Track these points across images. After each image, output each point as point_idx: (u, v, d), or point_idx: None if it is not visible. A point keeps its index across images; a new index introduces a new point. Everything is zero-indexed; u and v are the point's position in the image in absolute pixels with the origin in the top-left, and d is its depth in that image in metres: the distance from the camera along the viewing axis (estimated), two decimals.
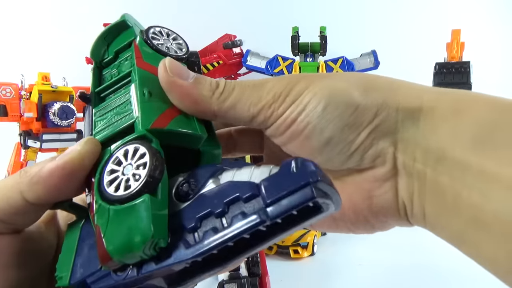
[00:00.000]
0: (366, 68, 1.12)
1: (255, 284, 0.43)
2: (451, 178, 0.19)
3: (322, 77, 0.23)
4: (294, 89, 0.22)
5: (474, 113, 0.20)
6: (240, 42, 1.20)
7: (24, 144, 0.98)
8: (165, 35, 0.30)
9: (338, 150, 0.22)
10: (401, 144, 0.21)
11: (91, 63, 0.31)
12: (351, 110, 0.21)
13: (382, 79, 0.23)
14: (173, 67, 0.22)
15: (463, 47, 0.95)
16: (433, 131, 0.21)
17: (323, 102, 0.21)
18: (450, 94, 0.22)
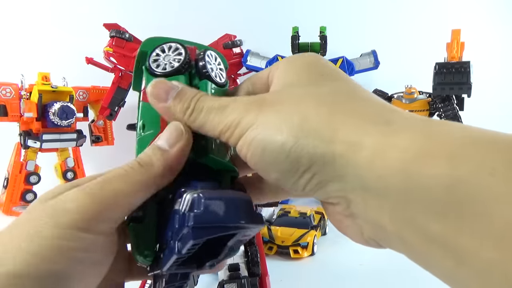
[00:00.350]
0: (366, 68, 1.12)
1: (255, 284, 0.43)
2: (417, 239, 0.17)
3: (268, 109, 0.22)
4: (242, 122, 0.22)
5: (426, 170, 0.17)
6: (240, 42, 1.20)
7: (24, 144, 0.98)
8: (166, 51, 0.30)
9: (289, 188, 0.22)
10: (350, 190, 0.20)
11: (91, 63, 0.32)
12: (283, 157, 0.20)
13: (327, 116, 0.20)
14: (154, 91, 0.25)
15: (463, 47, 0.95)
16: (380, 186, 0.18)
17: (260, 148, 0.21)
18: (398, 137, 0.18)
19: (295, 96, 0.22)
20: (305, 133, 0.20)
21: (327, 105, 0.21)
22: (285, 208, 0.84)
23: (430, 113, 0.99)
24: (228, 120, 0.22)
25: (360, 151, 0.19)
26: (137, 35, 1.14)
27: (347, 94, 0.22)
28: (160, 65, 0.28)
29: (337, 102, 0.21)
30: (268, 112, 0.22)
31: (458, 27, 0.95)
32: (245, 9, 1.40)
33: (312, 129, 0.20)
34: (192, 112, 0.24)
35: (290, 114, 0.21)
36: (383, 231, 0.19)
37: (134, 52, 1.07)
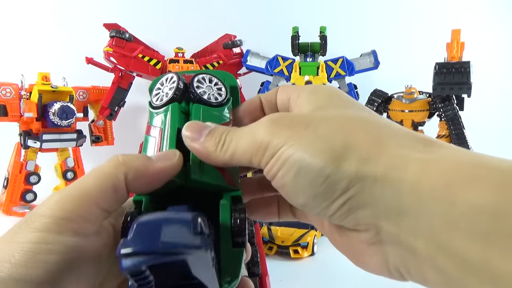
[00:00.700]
0: (366, 68, 1.12)
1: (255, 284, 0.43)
2: (452, 265, 0.17)
3: (302, 129, 0.21)
4: (273, 142, 0.22)
5: (471, 195, 0.17)
6: (240, 42, 1.20)
7: (24, 144, 0.98)
8: (165, 82, 0.30)
9: (316, 213, 0.22)
10: (383, 216, 0.19)
11: (91, 63, 0.32)
12: (321, 181, 0.20)
13: (366, 138, 0.20)
14: (189, 134, 0.25)
15: (463, 47, 0.95)
16: (420, 210, 0.18)
17: (295, 168, 0.21)
18: (442, 163, 0.19)
19: (329, 118, 0.22)
20: (347, 157, 0.20)
21: (366, 128, 0.21)
22: None
23: (430, 113, 0.99)
24: (257, 142, 0.22)
25: (404, 174, 0.19)
26: (137, 35, 1.14)
27: (379, 119, 0.23)
28: (159, 97, 0.29)
29: (373, 125, 0.21)
30: (303, 132, 0.21)
31: (458, 27, 0.95)
32: (245, 9, 1.40)
33: (355, 153, 0.20)
34: (223, 144, 0.24)
35: (329, 136, 0.21)
36: (414, 257, 0.19)
37: (134, 52, 1.07)
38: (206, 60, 1.17)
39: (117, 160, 0.23)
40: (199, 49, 1.23)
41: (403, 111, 0.98)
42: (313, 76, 1.10)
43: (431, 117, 0.99)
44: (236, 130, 0.24)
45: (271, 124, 0.23)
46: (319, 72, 1.10)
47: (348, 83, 1.13)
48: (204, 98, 0.29)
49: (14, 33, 1.37)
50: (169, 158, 0.24)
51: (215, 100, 0.29)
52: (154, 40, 1.21)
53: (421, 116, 0.98)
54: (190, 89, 0.29)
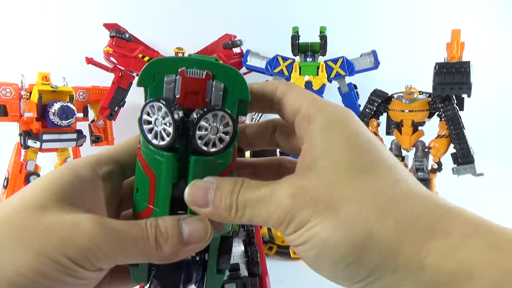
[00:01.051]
0: (366, 68, 1.12)
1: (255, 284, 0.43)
2: None
3: (324, 209, 0.21)
4: (297, 218, 0.22)
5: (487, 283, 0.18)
6: (240, 42, 1.20)
7: (24, 144, 0.98)
8: (156, 112, 0.25)
9: (334, 281, 0.23)
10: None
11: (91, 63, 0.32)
12: (342, 266, 0.21)
13: (386, 226, 0.20)
14: (192, 200, 0.24)
15: (463, 47, 0.95)
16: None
17: (318, 249, 0.21)
18: (460, 253, 0.19)
19: (349, 199, 0.21)
20: (368, 248, 0.20)
21: (385, 211, 0.21)
22: None
23: (430, 113, 0.99)
24: (278, 213, 0.22)
25: (423, 263, 0.19)
26: (137, 35, 1.14)
27: (400, 188, 0.22)
28: (153, 133, 0.25)
29: (393, 203, 0.21)
30: (326, 213, 0.21)
31: (458, 27, 0.95)
32: (245, 9, 1.40)
33: (376, 245, 0.20)
34: (237, 210, 0.23)
35: (350, 223, 0.21)
36: None
37: (134, 52, 1.07)
38: None
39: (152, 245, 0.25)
40: (199, 49, 1.23)
41: (403, 111, 0.98)
42: (313, 76, 1.10)
43: (431, 117, 0.99)
44: (246, 191, 0.23)
45: (287, 195, 0.22)
46: (319, 72, 1.10)
47: (348, 83, 1.13)
48: (207, 151, 0.25)
49: (14, 33, 1.37)
50: (202, 239, 0.25)
51: (219, 144, 0.25)
52: (154, 40, 1.21)
53: (421, 116, 0.98)
54: (190, 138, 0.24)
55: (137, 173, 0.27)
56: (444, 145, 0.97)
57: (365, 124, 1.03)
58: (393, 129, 1.05)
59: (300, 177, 0.23)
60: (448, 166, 0.97)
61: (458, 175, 0.96)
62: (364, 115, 1.05)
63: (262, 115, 1.16)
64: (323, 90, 1.11)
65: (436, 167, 0.99)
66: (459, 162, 0.95)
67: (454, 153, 0.96)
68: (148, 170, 0.26)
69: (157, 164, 0.26)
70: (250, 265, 0.44)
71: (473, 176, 0.95)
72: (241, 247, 0.46)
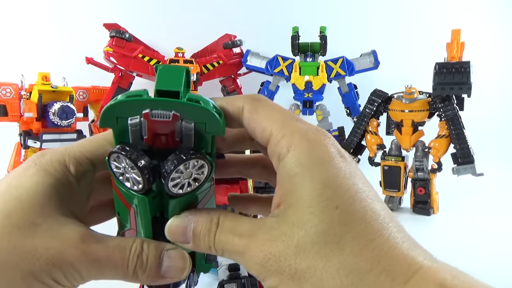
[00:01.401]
0: (366, 68, 1.12)
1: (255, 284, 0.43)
2: None
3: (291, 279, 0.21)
4: (267, 282, 0.22)
5: None
6: (240, 42, 1.20)
7: (24, 144, 0.98)
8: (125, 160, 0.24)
9: None
10: None
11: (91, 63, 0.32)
12: None
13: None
14: (173, 239, 0.26)
15: (463, 47, 0.95)
16: None
17: None
18: None
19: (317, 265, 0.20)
20: None
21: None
22: None
23: (430, 113, 0.99)
24: (252, 271, 0.22)
25: None
26: (137, 35, 1.15)
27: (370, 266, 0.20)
28: (124, 178, 0.24)
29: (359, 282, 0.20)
30: (291, 283, 0.21)
31: (458, 27, 0.95)
32: (245, 9, 1.40)
33: None
34: (216, 250, 0.24)
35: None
36: None
37: (134, 52, 1.07)
38: (206, 60, 1.17)
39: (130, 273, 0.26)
40: (199, 49, 1.23)
41: (403, 111, 0.98)
42: (313, 76, 1.10)
43: (431, 117, 0.99)
44: (221, 235, 0.24)
45: (260, 266, 0.22)
46: (319, 72, 1.10)
47: (348, 83, 1.13)
48: (182, 194, 0.24)
49: (14, 33, 1.37)
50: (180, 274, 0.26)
51: (194, 184, 0.25)
52: (154, 40, 1.21)
53: (421, 116, 0.98)
54: (164, 186, 0.24)
55: (116, 200, 0.27)
56: (444, 145, 0.97)
57: (365, 124, 1.04)
58: (393, 129, 1.05)
59: (269, 236, 0.22)
60: (448, 166, 0.97)
61: (458, 175, 0.96)
62: (364, 115, 1.04)
63: None
64: (323, 90, 1.11)
65: (436, 167, 0.99)
66: (459, 162, 0.95)
67: (454, 153, 0.96)
68: (126, 202, 0.26)
69: (133, 200, 0.25)
70: None
71: (473, 176, 0.95)
72: None
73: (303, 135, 0.23)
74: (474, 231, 0.87)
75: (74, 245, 0.24)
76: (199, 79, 1.14)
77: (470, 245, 0.78)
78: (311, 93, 1.11)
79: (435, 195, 1.01)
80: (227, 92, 1.23)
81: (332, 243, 0.20)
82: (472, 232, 0.86)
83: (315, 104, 1.13)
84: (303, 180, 0.21)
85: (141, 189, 0.24)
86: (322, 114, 1.13)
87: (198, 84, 1.15)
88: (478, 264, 0.68)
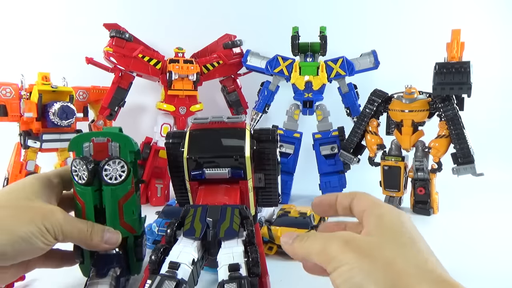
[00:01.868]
0: (366, 68, 1.12)
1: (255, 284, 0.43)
2: None
3: (364, 256, 0.31)
4: (338, 258, 0.31)
5: None
6: (240, 42, 1.20)
7: (24, 144, 0.98)
8: (78, 165, 0.50)
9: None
10: None
11: (91, 63, 0.35)
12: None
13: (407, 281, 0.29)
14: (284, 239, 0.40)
15: (463, 47, 0.95)
16: None
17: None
18: None
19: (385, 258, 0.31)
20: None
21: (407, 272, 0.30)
22: (285, 208, 0.84)
23: (430, 113, 0.99)
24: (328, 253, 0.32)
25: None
26: (137, 35, 1.14)
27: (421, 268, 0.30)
28: (79, 177, 0.48)
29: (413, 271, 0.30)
30: (364, 259, 0.30)
31: (458, 27, 0.95)
32: (245, 9, 1.40)
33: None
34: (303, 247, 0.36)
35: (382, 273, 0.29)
36: None
37: (134, 52, 1.07)
38: (206, 60, 1.17)
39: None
40: (199, 49, 1.23)
41: (403, 111, 0.98)
42: (313, 76, 1.10)
43: (431, 117, 0.99)
44: (312, 237, 0.35)
45: (343, 244, 0.32)
46: (319, 72, 1.10)
47: (348, 83, 1.13)
48: (111, 183, 0.49)
49: (14, 33, 1.37)
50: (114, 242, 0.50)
51: (119, 179, 0.49)
52: (154, 40, 1.21)
53: (421, 116, 0.98)
54: (100, 177, 0.49)
55: (75, 201, 0.50)
56: (444, 145, 0.97)
57: (365, 124, 1.04)
58: (393, 129, 1.05)
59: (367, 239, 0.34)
60: (448, 166, 0.97)
61: (458, 175, 0.96)
62: (364, 115, 1.04)
63: (262, 115, 1.16)
64: (323, 90, 1.11)
65: (436, 167, 0.99)
66: (459, 162, 0.95)
67: (454, 153, 0.96)
68: (79, 199, 0.50)
69: (82, 195, 0.49)
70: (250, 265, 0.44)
71: (473, 176, 0.95)
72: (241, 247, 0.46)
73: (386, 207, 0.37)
74: (474, 231, 0.87)
75: (60, 211, 0.46)
76: (199, 79, 1.14)
77: (470, 245, 0.78)
78: (311, 93, 1.11)
79: (435, 195, 1.01)
80: (227, 92, 1.23)
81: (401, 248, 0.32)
82: (472, 232, 0.86)
83: (315, 104, 1.13)
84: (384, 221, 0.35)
85: (86, 182, 0.48)
86: (322, 114, 1.13)
87: (198, 84, 1.15)
88: (478, 264, 0.68)
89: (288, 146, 1.13)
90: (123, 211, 0.51)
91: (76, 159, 0.48)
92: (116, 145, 0.51)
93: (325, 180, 1.12)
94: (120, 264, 0.52)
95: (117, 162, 0.49)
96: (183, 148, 0.54)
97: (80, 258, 0.52)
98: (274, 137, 0.57)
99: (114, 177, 0.49)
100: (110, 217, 0.51)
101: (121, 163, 0.49)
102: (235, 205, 0.50)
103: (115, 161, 0.49)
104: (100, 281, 0.49)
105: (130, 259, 0.55)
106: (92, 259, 0.52)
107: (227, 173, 0.53)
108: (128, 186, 0.50)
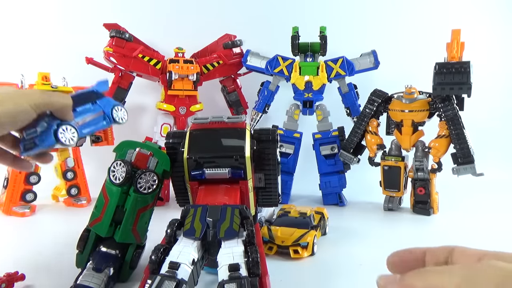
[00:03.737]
0: (366, 68, 1.12)
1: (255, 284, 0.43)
2: None
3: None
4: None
5: None
6: (240, 42, 1.20)
7: None
8: (117, 166, 0.57)
9: None
10: None
11: (91, 63, 0.35)
12: None
13: None
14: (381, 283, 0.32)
15: (463, 47, 0.95)
16: None
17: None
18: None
19: None
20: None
21: None
22: (285, 208, 0.84)
23: (430, 113, 0.99)
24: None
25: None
26: (137, 35, 1.14)
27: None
28: (115, 177, 0.55)
29: None
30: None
31: (458, 27, 0.95)
32: (245, 9, 1.40)
33: None
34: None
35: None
36: None
37: (134, 52, 1.07)
38: (206, 60, 1.17)
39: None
40: (199, 49, 1.23)
41: (403, 111, 0.98)
42: (313, 76, 1.10)
43: (431, 117, 0.99)
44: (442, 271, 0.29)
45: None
46: (319, 72, 1.10)
47: (348, 83, 1.13)
48: (140, 191, 0.55)
49: (14, 33, 1.37)
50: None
51: (148, 190, 0.56)
52: (154, 40, 1.21)
53: (421, 116, 0.98)
54: (134, 184, 0.55)
55: (99, 197, 0.57)
56: (444, 145, 0.97)
57: (365, 124, 1.04)
58: (393, 129, 1.05)
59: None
60: (448, 166, 0.97)
61: (458, 175, 0.96)
62: (364, 115, 1.04)
63: (262, 115, 1.16)
64: (323, 90, 1.11)
65: (436, 167, 0.99)
66: (459, 162, 0.95)
67: (454, 153, 0.96)
68: (105, 195, 0.56)
69: (110, 192, 0.56)
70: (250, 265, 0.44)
71: (473, 176, 0.95)
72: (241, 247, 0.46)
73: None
74: (474, 231, 0.87)
75: (40, 91, 0.52)
76: (199, 79, 1.14)
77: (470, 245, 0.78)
78: (311, 93, 1.11)
79: (435, 195, 1.01)
80: (227, 92, 1.23)
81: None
82: (472, 232, 0.86)
83: (315, 104, 1.13)
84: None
85: (119, 183, 0.55)
86: (322, 114, 1.13)
87: (198, 84, 1.15)
88: None
89: (288, 146, 1.13)
90: (138, 219, 0.57)
91: (118, 161, 0.55)
92: (155, 160, 0.58)
93: (325, 180, 1.12)
94: (114, 265, 0.56)
95: (152, 175, 0.55)
96: (183, 148, 0.54)
97: (81, 248, 0.57)
98: (274, 137, 0.57)
99: (144, 187, 0.55)
100: (126, 221, 0.56)
101: (155, 177, 0.56)
102: (235, 205, 0.50)
103: (151, 174, 0.55)
104: (95, 274, 0.54)
105: (124, 265, 0.59)
106: (92, 254, 0.57)
107: (227, 173, 0.53)
108: (151, 199, 0.57)
